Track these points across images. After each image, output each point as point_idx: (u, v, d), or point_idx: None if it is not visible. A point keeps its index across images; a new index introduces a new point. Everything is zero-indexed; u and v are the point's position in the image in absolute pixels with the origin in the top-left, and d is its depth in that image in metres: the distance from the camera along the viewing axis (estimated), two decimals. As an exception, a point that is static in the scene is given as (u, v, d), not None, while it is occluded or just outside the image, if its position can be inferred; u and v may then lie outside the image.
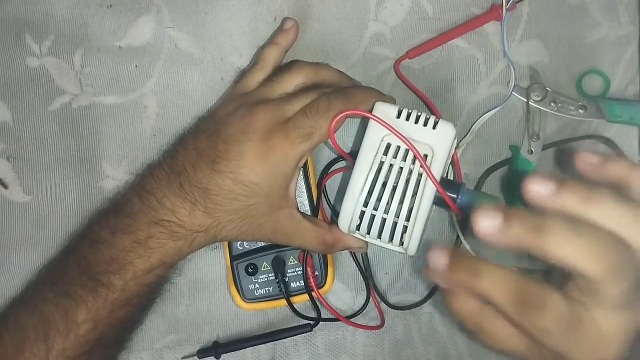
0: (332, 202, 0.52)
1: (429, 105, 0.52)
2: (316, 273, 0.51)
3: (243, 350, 0.52)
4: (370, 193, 0.43)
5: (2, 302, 0.50)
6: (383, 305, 0.53)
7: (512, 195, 0.51)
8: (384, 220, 0.43)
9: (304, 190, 0.50)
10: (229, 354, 0.52)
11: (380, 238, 0.44)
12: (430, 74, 0.52)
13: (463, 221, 0.52)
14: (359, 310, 0.52)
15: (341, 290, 0.53)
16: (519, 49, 0.52)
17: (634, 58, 0.53)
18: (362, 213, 0.43)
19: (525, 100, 0.52)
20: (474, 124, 0.52)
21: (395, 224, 0.43)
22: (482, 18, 0.52)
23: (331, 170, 0.52)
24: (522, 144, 0.52)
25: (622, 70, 0.53)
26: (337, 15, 0.52)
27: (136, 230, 0.42)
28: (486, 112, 0.52)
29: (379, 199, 0.43)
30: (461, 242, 0.52)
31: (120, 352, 0.49)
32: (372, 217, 0.43)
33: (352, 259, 0.52)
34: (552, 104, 0.52)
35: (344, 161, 0.52)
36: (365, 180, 0.43)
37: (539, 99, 0.52)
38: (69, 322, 0.42)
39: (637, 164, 0.34)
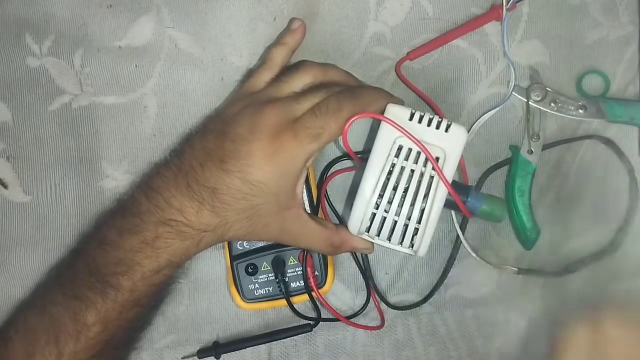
0: (332, 203, 0.52)
1: (431, 105, 0.52)
2: (316, 273, 0.51)
3: (243, 350, 0.52)
4: (381, 195, 0.43)
5: (2, 302, 0.50)
6: (383, 305, 0.53)
7: (512, 196, 0.51)
8: (394, 223, 0.43)
9: (304, 190, 0.50)
10: (229, 354, 0.52)
11: (390, 240, 0.44)
12: (431, 74, 0.52)
13: (463, 221, 0.52)
14: (359, 311, 0.52)
15: (341, 290, 0.53)
16: (519, 49, 0.52)
17: (634, 58, 0.53)
18: (373, 215, 0.44)
19: (525, 100, 0.52)
20: (474, 124, 0.52)
21: (406, 227, 0.43)
22: (482, 18, 0.52)
23: (333, 170, 0.52)
24: (522, 144, 0.52)
25: (622, 70, 0.53)
26: (337, 15, 0.52)
27: (144, 230, 0.42)
28: (486, 112, 0.52)
29: (390, 202, 0.43)
30: (461, 242, 0.52)
31: (130, 353, 0.49)
32: (383, 219, 0.43)
33: (352, 259, 0.52)
34: (552, 104, 0.52)
35: (345, 161, 0.51)
36: (377, 182, 0.43)
37: (539, 99, 0.52)
38: (78, 325, 0.42)
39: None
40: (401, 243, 0.44)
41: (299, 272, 0.51)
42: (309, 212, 0.47)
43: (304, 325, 0.51)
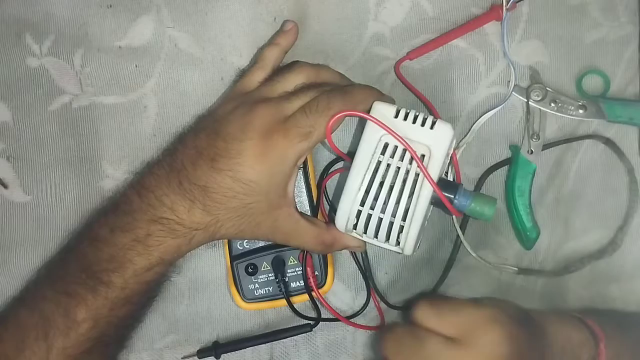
0: (332, 202, 0.52)
1: (428, 106, 0.52)
2: (316, 273, 0.51)
3: (243, 350, 0.52)
4: (367, 192, 0.43)
5: (2, 302, 0.50)
6: (383, 305, 0.53)
7: (512, 196, 0.51)
8: (380, 220, 0.43)
9: (304, 190, 0.50)
10: (229, 354, 0.52)
11: (376, 237, 0.44)
12: (430, 74, 0.52)
13: (463, 221, 0.52)
14: (359, 311, 0.52)
15: (341, 290, 0.53)
16: (519, 49, 0.52)
17: (634, 58, 0.53)
18: (359, 212, 0.44)
19: (525, 100, 0.52)
20: (474, 124, 0.52)
21: (391, 224, 0.43)
22: (482, 18, 0.52)
23: (331, 170, 0.52)
24: (522, 144, 0.52)
25: (622, 70, 0.53)
26: (336, 16, 0.52)
27: (135, 228, 0.42)
28: (486, 112, 0.52)
29: (375, 199, 0.43)
30: (461, 242, 0.52)
31: (121, 351, 0.49)
32: (369, 216, 0.43)
33: (352, 259, 0.52)
34: (552, 104, 0.52)
35: (344, 161, 0.52)
36: (363, 180, 0.43)
37: (539, 99, 0.52)
38: (69, 321, 0.42)
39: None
40: (387, 240, 0.44)
41: (299, 272, 0.51)
42: (301, 211, 0.47)
43: (304, 325, 0.51)
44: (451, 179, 0.51)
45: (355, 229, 0.44)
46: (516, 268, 0.52)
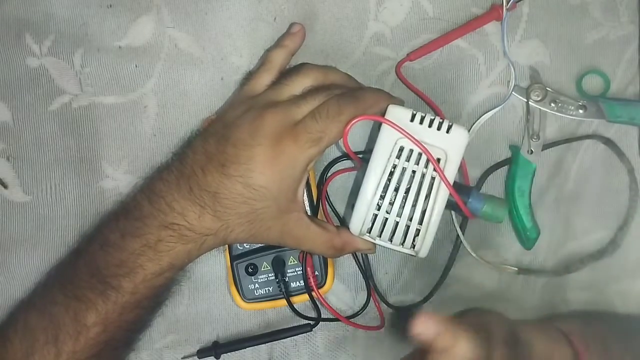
0: (333, 203, 0.52)
1: (431, 106, 0.52)
2: (316, 273, 0.51)
3: (243, 350, 0.52)
4: (382, 196, 0.43)
5: (2, 302, 0.50)
6: (383, 305, 0.53)
7: (512, 196, 0.51)
8: (396, 224, 0.43)
9: (304, 190, 0.50)
10: (229, 354, 0.52)
11: (391, 241, 0.44)
12: (430, 74, 0.52)
13: (463, 221, 0.52)
14: (359, 311, 0.52)
15: (341, 290, 0.53)
16: (519, 49, 0.52)
17: (634, 58, 0.53)
18: (375, 216, 0.44)
19: (525, 100, 0.52)
20: (474, 124, 0.52)
21: (407, 228, 0.43)
22: (482, 18, 0.52)
23: (332, 171, 0.52)
24: (522, 144, 0.52)
25: (622, 70, 0.53)
26: (337, 15, 0.52)
27: (146, 233, 0.42)
28: (486, 112, 0.52)
29: (391, 203, 0.43)
30: (461, 242, 0.52)
31: (129, 353, 0.49)
32: (385, 220, 0.43)
33: (352, 258, 0.52)
34: (552, 104, 0.52)
35: (345, 161, 0.51)
36: (378, 184, 0.43)
37: (539, 99, 0.52)
38: (78, 325, 0.42)
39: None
40: (402, 244, 0.44)
41: (299, 272, 0.51)
42: (310, 214, 0.47)
43: (304, 325, 0.51)
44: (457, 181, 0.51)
45: (370, 233, 0.44)
46: (516, 268, 0.52)
